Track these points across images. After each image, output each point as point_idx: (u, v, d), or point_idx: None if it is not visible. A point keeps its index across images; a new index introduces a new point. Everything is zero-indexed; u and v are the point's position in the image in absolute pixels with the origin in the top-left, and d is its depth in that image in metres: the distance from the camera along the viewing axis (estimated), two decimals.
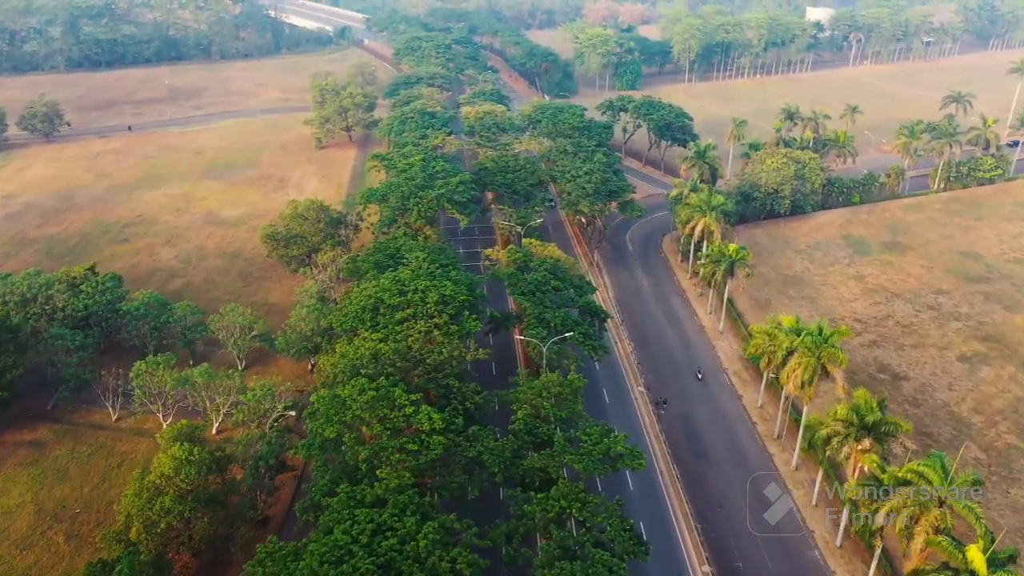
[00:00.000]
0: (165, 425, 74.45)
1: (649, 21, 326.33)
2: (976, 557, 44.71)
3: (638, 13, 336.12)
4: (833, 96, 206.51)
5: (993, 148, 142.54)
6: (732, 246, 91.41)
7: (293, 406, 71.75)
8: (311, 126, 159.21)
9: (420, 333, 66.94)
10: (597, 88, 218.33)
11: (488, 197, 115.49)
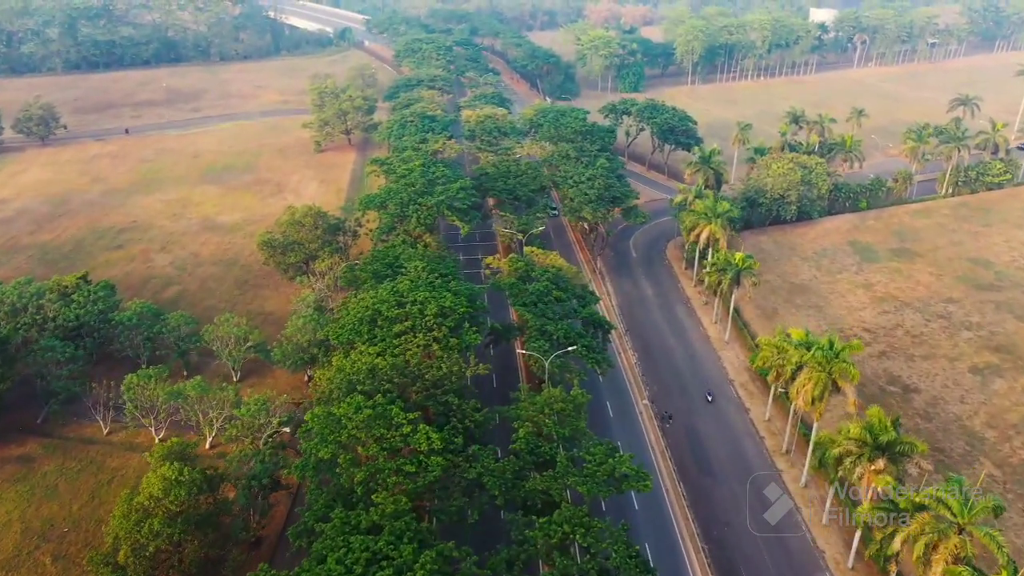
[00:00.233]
0: (157, 439, 72.88)
1: (651, 22, 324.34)
2: None
3: (640, 14, 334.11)
4: (838, 98, 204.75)
5: (1002, 152, 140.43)
6: (738, 254, 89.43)
7: (288, 421, 69.83)
8: (310, 129, 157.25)
9: (419, 347, 65.05)
10: (599, 90, 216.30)
11: (489, 203, 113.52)
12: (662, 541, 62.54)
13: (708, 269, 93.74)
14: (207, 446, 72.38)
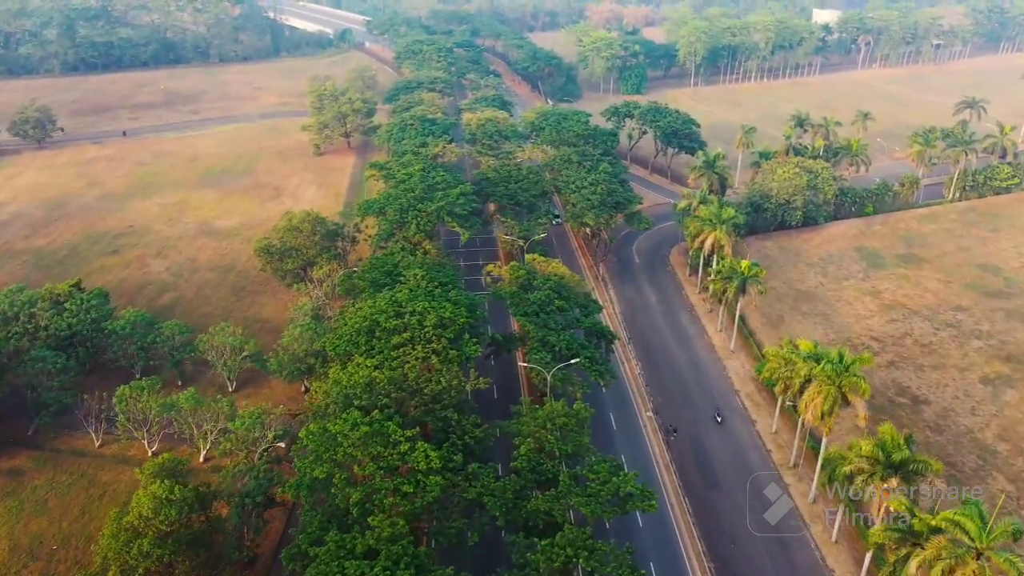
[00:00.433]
0: (150, 452, 71.35)
1: (653, 23, 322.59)
2: None
3: (642, 15, 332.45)
4: (842, 100, 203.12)
5: (1010, 156, 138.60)
6: (744, 262, 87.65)
7: (284, 434, 68.06)
8: (309, 132, 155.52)
9: (417, 360, 63.33)
10: (601, 92, 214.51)
11: (490, 208, 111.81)
12: (668, 561, 60.81)
13: (713, 277, 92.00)
14: (201, 459, 70.73)
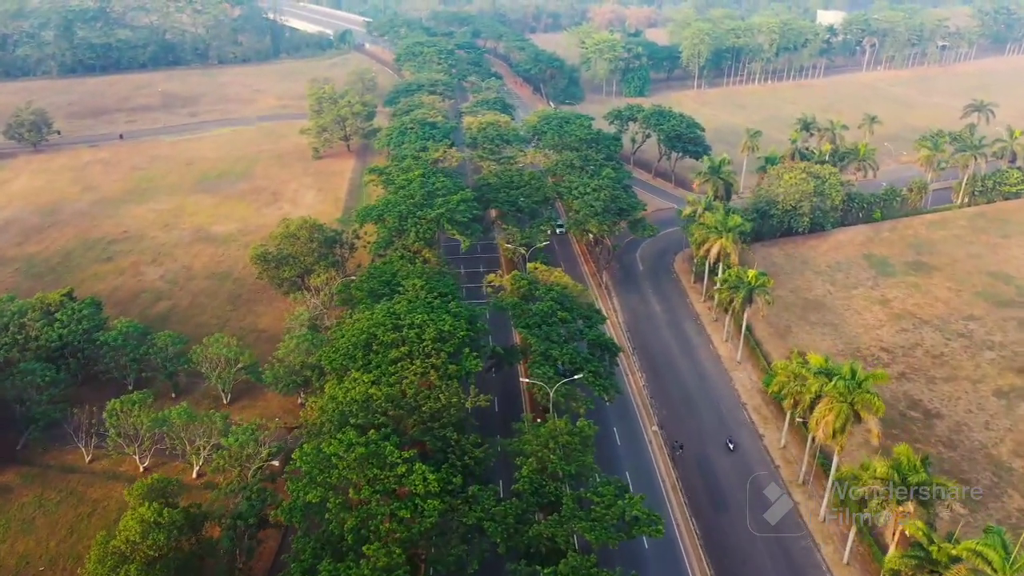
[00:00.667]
0: (142, 468, 69.56)
1: (656, 24, 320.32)
2: None
3: (644, 16, 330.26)
4: (847, 103, 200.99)
5: (1020, 160, 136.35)
6: (751, 272, 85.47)
7: (278, 452, 66.10)
8: (308, 135, 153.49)
9: (416, 375, 61.28)
10: (604, 95, 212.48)
11: (491, 214, 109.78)
12: None
13: (719, 286, 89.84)
14: (194, 475, 68.87)
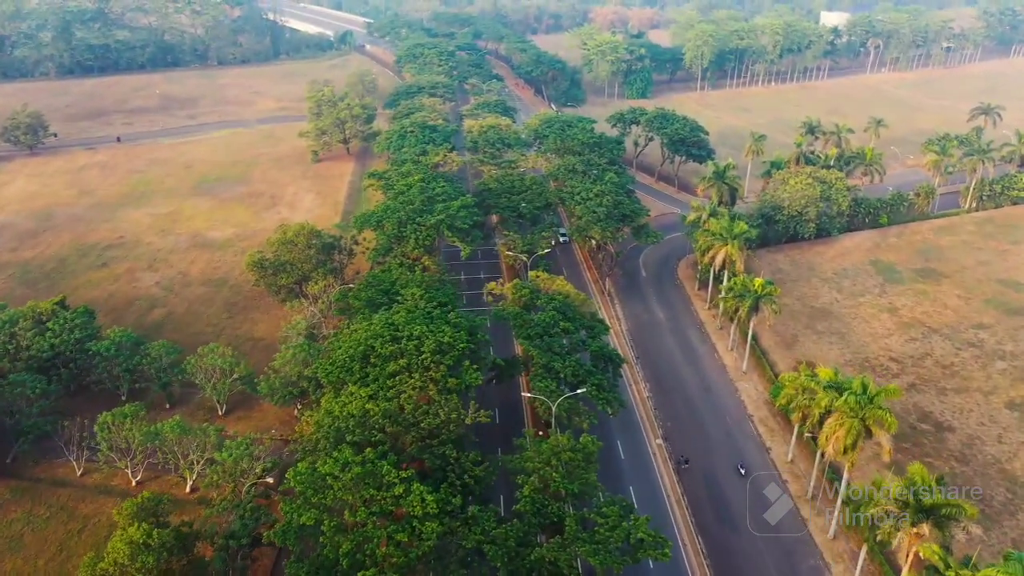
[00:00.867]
0: (134, 482, 67.89)
1: (658, 25, 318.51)
2: None
3: (647, 17, 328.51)
4: (852, 105, 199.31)
5: None
6: (758, 280, 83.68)
7: (273, 467, 64.42)
8: (307, 138, 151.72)
9: (414, 390, 59.52)
10: (606, 96, 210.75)
11: (492, 220, 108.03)
12: None
13: (725, 295, 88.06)
14: (187, 490, 67.16)
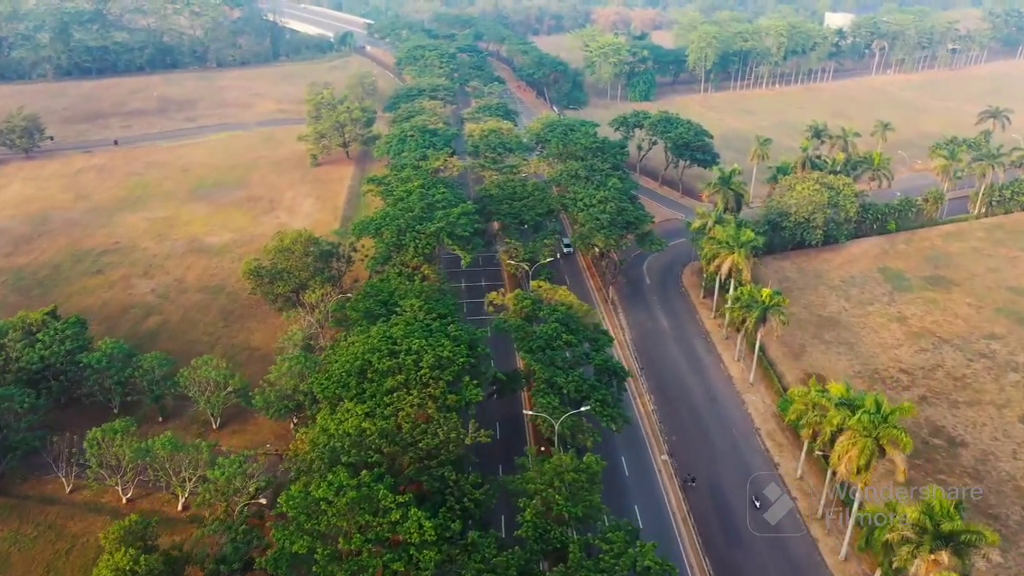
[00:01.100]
0: (125, 499, 66.05)
1: (661, 27, 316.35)
2: None
3: (649, 18, 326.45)
4: (857, 107, 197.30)
5: None
6: (765, 291, 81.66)
7: (267, 486, 62.45)
8: (306, 142, 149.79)
9: (412, 407, 57.62)
10: (609, 99, 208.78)
11: (494, 226, 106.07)
12: None
13: (731, 305, 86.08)
14: (179, 508, 65.31)
